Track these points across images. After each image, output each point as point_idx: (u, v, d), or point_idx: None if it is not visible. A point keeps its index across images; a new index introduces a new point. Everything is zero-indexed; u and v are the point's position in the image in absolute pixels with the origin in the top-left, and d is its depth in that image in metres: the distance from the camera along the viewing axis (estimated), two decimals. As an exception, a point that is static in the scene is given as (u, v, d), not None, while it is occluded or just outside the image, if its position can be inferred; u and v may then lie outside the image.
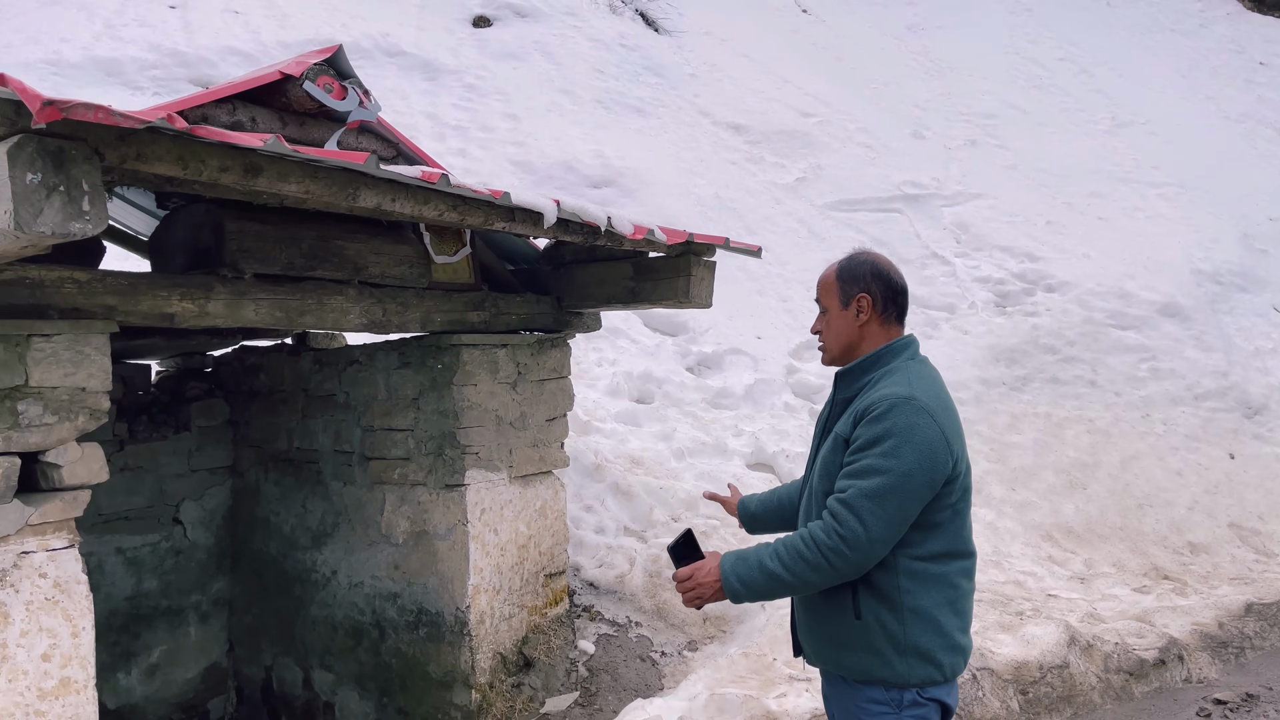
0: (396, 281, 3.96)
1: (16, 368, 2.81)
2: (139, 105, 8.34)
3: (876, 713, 2.18)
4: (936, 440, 2.11)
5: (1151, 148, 13.27)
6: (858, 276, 2.36)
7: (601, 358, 7.31)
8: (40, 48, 8.81)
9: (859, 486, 2.08)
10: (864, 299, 2.33)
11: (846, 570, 2.10)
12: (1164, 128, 13.89)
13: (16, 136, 2.16)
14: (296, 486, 4.93)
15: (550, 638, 4.47)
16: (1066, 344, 8.73)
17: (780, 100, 12.56)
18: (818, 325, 2.44)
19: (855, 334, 2.35)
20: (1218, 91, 15.41)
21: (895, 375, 2.23)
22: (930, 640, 2.15)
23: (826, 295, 2.40)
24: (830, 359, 2.41)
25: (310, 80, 3.52)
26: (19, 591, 2.85)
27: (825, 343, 2.41)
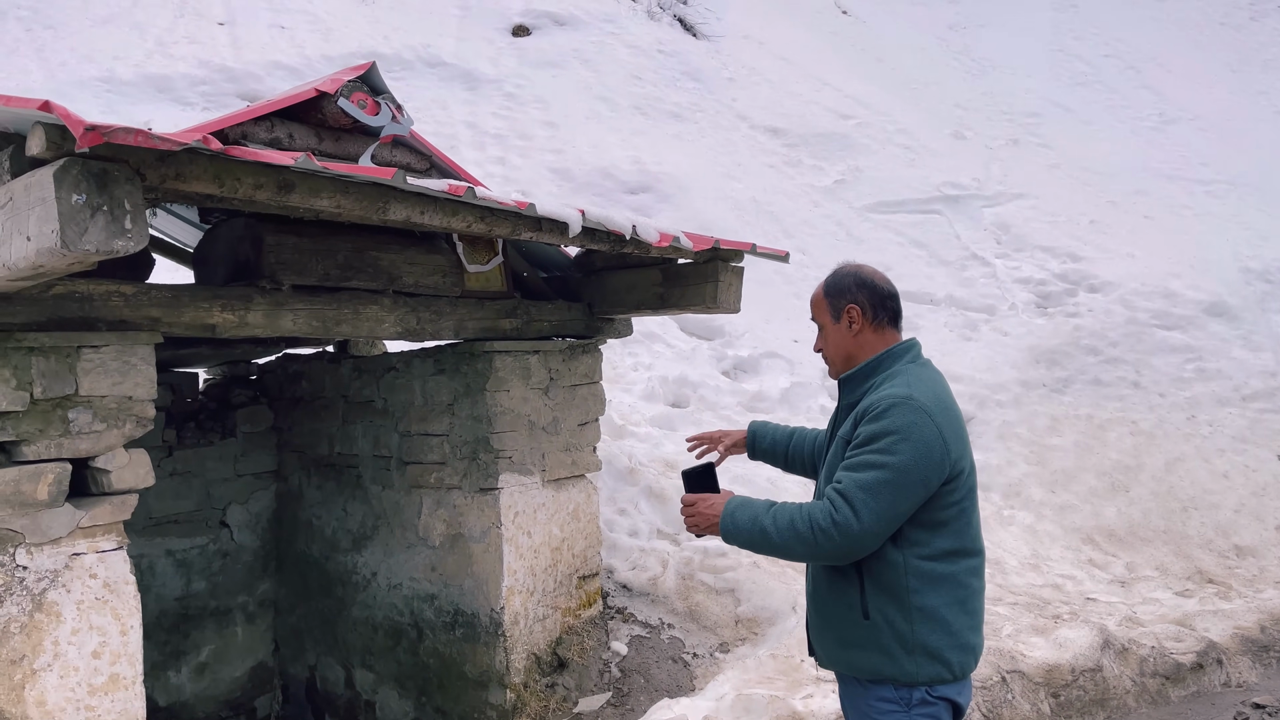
0: (430, 290, 4.07)
1: (67, 377, 2.95)
2: (188, 120, 8.60)
3: (886, 711, 2.23)
4: (933, 439, 2.16)
5: (1200, 144, 13.04)
6: (843, 289, 2.45)
7: (637, 362, 7.38)
8: (94, 66, 9.11)
9: (855, 479, 2.16)
10: (853, 309, 2.42)
11: (831, 554, 2.18)
12: (1213, 124, 13.64)
13: (62, 160, 2.28)
14: (337, 490, 5.06)
15: (583, 639, 4.54)
16: (1109, 345, 8.62)
17: (819, 103, 12.55)
18: (819, 344, 2.53)
19: (852, 344, 2.43)
20: (1270, 86, 15.10)
21: (896, 378, 2.30)
22: (939, 639, 2.19)
23: (819, 313, 2.50)
24: (836, 372, 2.49)
25: (345, 97, 3.64)
26: (70, 591, 2.99)
27: (828, 357, 2.50)
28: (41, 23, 9.73)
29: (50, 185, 2.27)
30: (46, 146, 2.28)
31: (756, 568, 5.01)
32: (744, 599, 4.79)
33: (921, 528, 2.20)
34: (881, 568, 2.21)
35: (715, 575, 4.92)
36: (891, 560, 2.20)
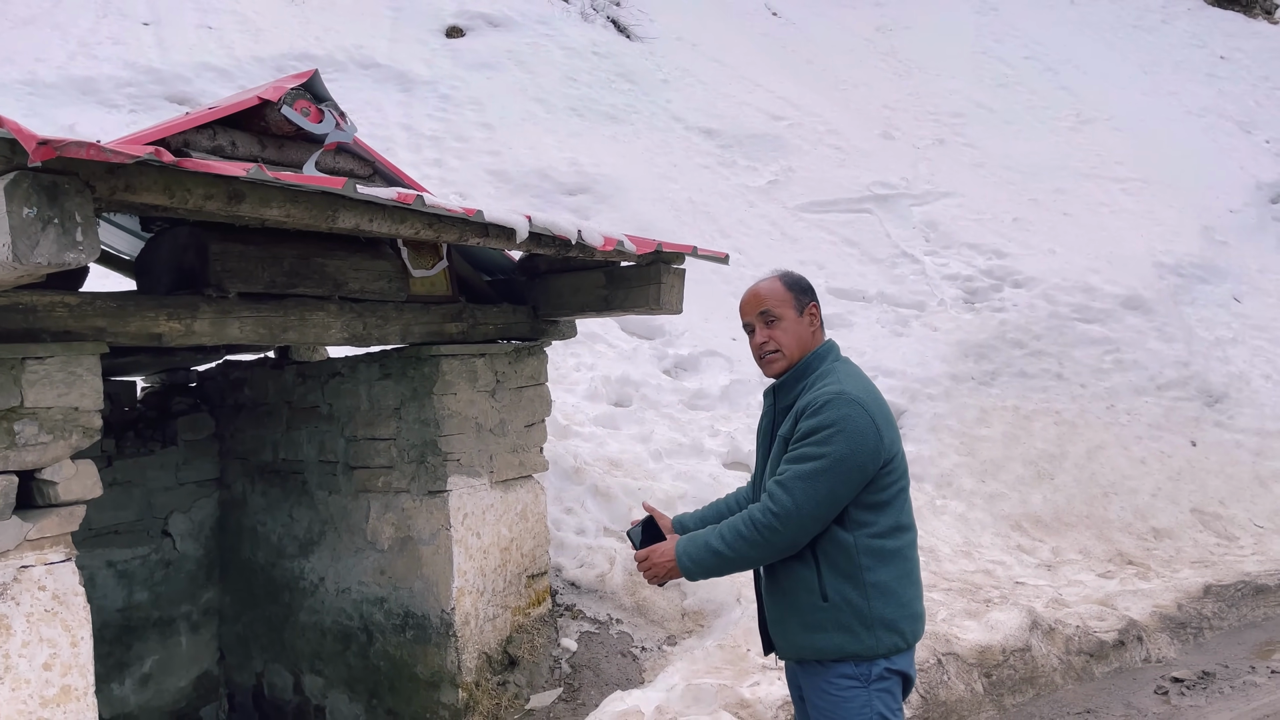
0: (376, 296, 4.10)
1: (12, 390, 2.93)
2: (116, 123, 8.43)
3: (845, 688, 2.37)
4: (867, 429, 2.33)
5: (1115, 143, 13.54)
6: (805, 288, 2.58)
7: (580, 363, 7.46)
8: (15, 68, 8.87)
9: (794, 469, 2.31)
10: (815, 307, 2.57)
11: (780, 545, 2.32)
12: (1127, 123, 14.17)
13: (13, 173, 2.29)
14: (283, 496, 5.05)
15: (534, 636, 4.61)
16: (1033, 338, 8.95)
17: (751, 104, 12.74)
18: (764, 336, 2.53)
19: (810, 340, 2.54)
20: (1180, 86, 15.72)
21: (828, 377, 2.45)
22: (893, 611, 2.36)
23: (781, 305, 2.53)
24: (787, 365, 2.53)
25: (288, 105, 3.66)
26: (19, 604, 2.98)
27: (784, 350, 2.51)
28: (-43, 23, 9.44)
29: (0, 199, 2.28)
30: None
31: (701, 562, 5.12)
32: (690, 592, 4.91)
33: (867, 509, 2.35)
34: (835, 551, 2.35)
35: (661, 570, 5.02)
36: (843, 543, 2.34)
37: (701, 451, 6.62)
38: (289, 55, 10.36)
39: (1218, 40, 17.38)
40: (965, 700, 4.30)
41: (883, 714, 2.36)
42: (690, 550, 2.40)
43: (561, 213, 9.02)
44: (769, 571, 2.50)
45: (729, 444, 6.74)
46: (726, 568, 2.39)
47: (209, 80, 9.57)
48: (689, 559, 2.40)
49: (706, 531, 2.42)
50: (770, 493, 2.32)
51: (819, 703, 2.43)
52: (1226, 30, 17.76)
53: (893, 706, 2.39)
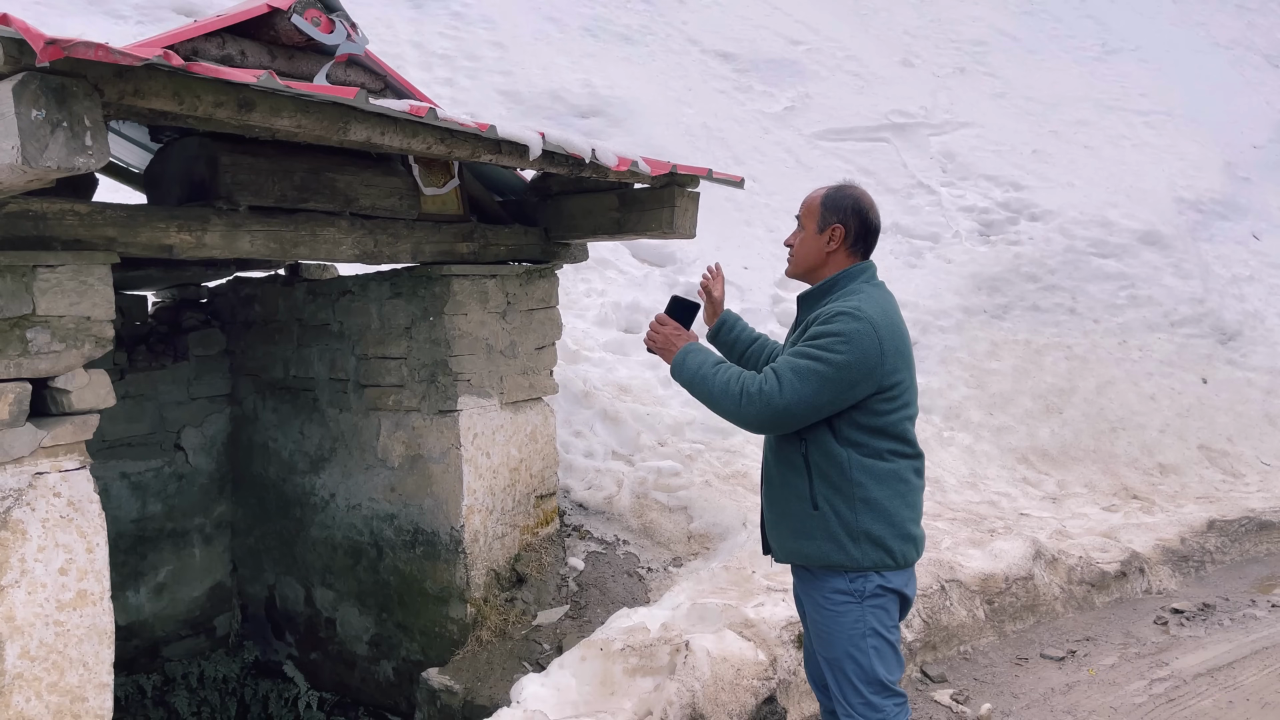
0: (387, 213, 4.06)
1: (24, 297, 2.93)
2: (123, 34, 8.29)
3: (840, 602, 2.42)
4: (871, 349, 2.33)
5: (1140, 75, 13.26)
6: (840, 207, 2.56)
7: (590, 288, 7.43)
8: (20, -24, 8.70)
9: (790, 363, 2.35)
10: (838, 229, 2.54)
11: (749, 417, 2.38)
12: (1153, 54, 13.85)
13: (20, 74, 2.24)
14: (294, 413, 5.08)
15: (541, 555, 4.67)
16: (1048, 272, 8.88)
17: (769, 28, 12.47)
18: (792, 238, 2.64)
19: (820, 258, 2.58)
20: (1208, 17, 15.33)
21: (851, 296, 2.47)
22: (881, 528, 2.39)
23: (807, 216, 2.60)
24: (792, 272, 2.66)
25: (298, 14, 3.58)
26: (35, 510, 3.01)
27: (794, 256, 2.63)
28: (-41, -72, 9.23)
29: (9, 100, 2.23)
30: (4, 61, 2.23)
31: (709, 486, 5.16)
32: (696, 516, 4.95)
33: (862, 430, 2.39)
34: (827, 463, 2.40)
35: (668, 494, 5.07)
36: (836, 456, 2.39)
37: (711, 378, 6.62)
38: (298, -32, 10.12)
39: (1251, -30, 16.88)
40: (967, 625, 4.36)
41: (875, 629, 2.40)
42: (690, 357, 2.50)
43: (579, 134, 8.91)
44: (768, 477, 2.58)
45: (738, 371, 6.74)
46: (700, 394, 2.47)
47: (217, -8, 9.37)
48: (683, 359, 2.51)
49: (714, 356, 2.51)
50: (764, 374, 2.37)
51: (816, 616, 2.49)
52: (1260, -40, 17.24)
53: (887, 623, 2.43)
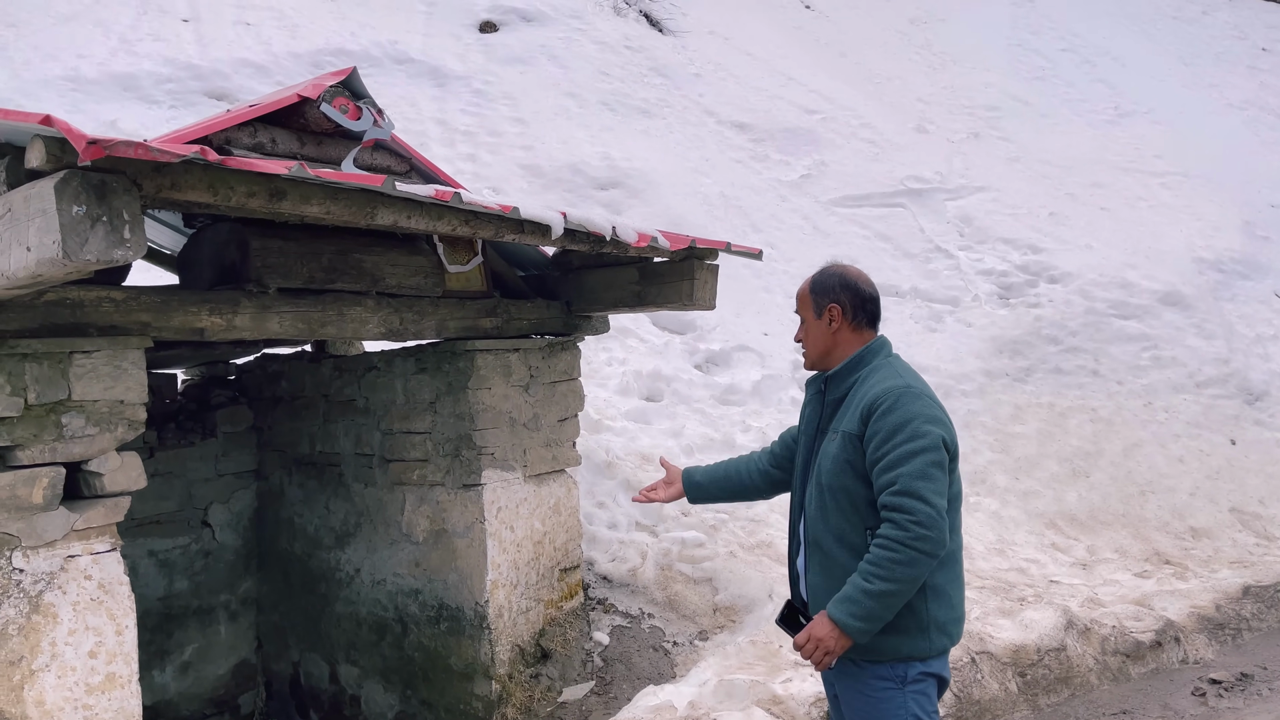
0: (413, 291, 4.14)
1: (60, 383, 3.00)
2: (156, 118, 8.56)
3: (881, 689, 2.40)
4: (944, 419, 2.40)
5: (1154, 137, 13.35)
6: (828, 289, 2.64)
7: (611, 357, 7.48)
8: (58, 64, 9.02)
9: (904, 472, 2.29)
10: (834, 309, 2.61)
11: (934, 550, 2.27)
12: (1167, 116, 13.96)
13: (62, 172, 2.33)
14: (319, 489, 5.12)
15: (566, 630, 4.65)
16: (1069, 334, 8.85)
17: (784, 98, 12.69)
18: (799, 334, 2.71)
19: (829, 340, 2.62)
20: (1220, 79, 15.47)
21: (881, 371, 2.51)
22: (946, 613, 2.41)
23: (803, 307, 2.69)
24: (810, 364, 2.69)
25: (327, 102, 3.70)
26: (66, 593, 3.05)
27: (806, 349, 2.69)
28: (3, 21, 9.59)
29: (51, 197, 2.32)
30: (46, 159, 2.33)
31: (733, 557, 5.14)
32: (721, 588, 4.92)
33: None
34: None
35: (693, 565, 5.04)
36: None
37: (733, 446, 6.62)
38: (325, 51, 10.45)
39: (1259, 32, 17.08)
40: (999, 699, 4.28)
41: (917, 715, 2.38)
42: (850, 610, 2.30)
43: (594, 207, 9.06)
44: (821, 575, 2.49)
45: (760, 439, 6.73)
46: (896, 602, 2.29)
47: (247, 76, 9.67)
48: (854, 619, 2.29)
49: (849, 585, 2.32)
50: (896, 506, 2.27)
51: (854, 703, 2.46)
52: (1268, 21, 17.45)
53: (928, 708, 2.41)
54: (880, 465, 2.33)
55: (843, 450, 2.44)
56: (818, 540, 2.50)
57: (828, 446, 2.50)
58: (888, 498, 2.30)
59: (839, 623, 2.30)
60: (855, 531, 2.43)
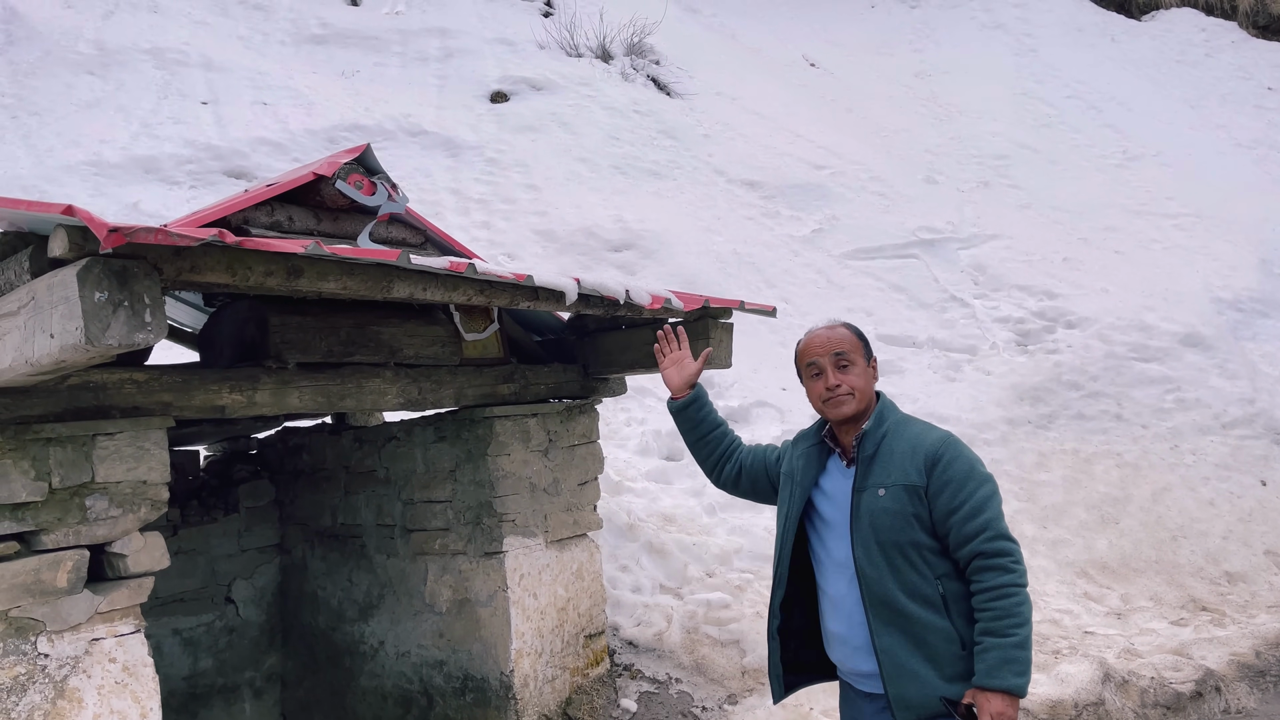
0: (430, 361, 4.17)
1: (84, 466, 3.03)
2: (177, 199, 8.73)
3: None
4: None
5: (1165, 179, 13.38)
6: (867, 340, 2.72)
7: (630, 417, 7.48)
8: (81, 150, 9.25)
9: (991, 517, 2.40)
10: (875, 361, 2.71)
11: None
12: (1176, 158, 14.00)
13: (85, 259, 2.38)
14: (342, 561, 5.11)
15: (593, 698, 4.58)
16: (1090, 379, 8.79)
17: (793, 154, 12.83)
18: (837, 379, 2.60)
19: (872, 391, 2.67)
20: (1228, 119, 15.52)
21: (914, 422, 2.61)
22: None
23: (854, 351, 2.64)
24: (855, 410, 2.60)
25: (342, 179, 3.77)
26: (91, 676, 3.04)
27: (857, 393, 2.60)
28: (26, 109, 9.87)
29: (74, 284, 2.37)
30: (69, 248, 2.38)
31: (760, 618, 5.07)
32: (749, 649, 4.85)
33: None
34: (960, 598, 2.41)
35: (719, 627, 4.98)
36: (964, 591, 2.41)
37: (755, 505, 6.57)
38: (340, 126, 10.68)
39: (1264, 71, 17.16)
40: (1038, 757, 4.18)
41: None
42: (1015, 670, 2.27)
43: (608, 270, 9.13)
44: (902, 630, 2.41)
45: (783, 496, 6.68)
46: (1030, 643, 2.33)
47: (264, 154, 9.88)
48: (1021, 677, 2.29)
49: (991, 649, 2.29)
50: (998, 550, 2.35)
51: None
52: (1273, 61, 17.54)
53: None
54: (960, 514, 2.37)
55: (903, 504, 2.43)
56: (887, 600, 2.44)
57: (876, 502, 2.46)
58: (984, 544, 2.33)
59: (1012, 689, 2.27)
60: (928, 584, 2.42)
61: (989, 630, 2.30)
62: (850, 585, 2.53)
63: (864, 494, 2.50)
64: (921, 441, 2.46)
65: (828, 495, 2.65)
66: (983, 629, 2.32)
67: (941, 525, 2.42)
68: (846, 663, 2.63)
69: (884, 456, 2.49)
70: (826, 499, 2.65)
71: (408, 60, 13.09)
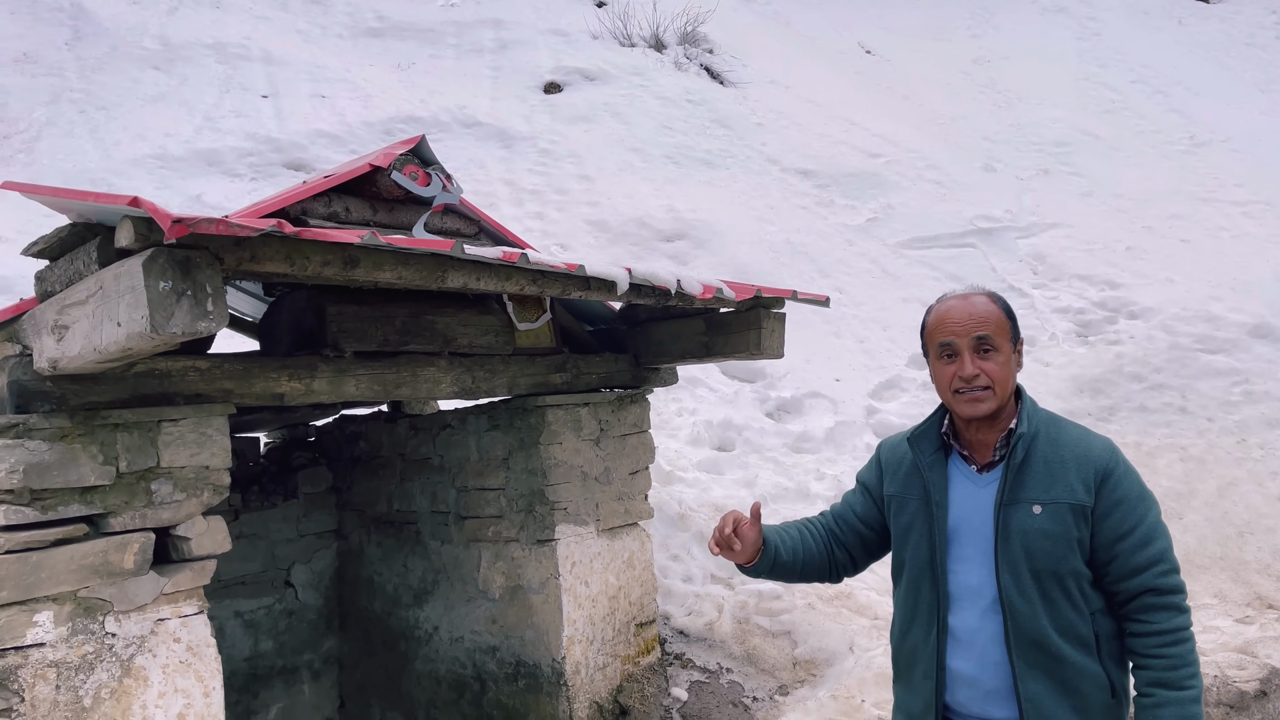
0: (484, 350, 4.21)
1: (150, 451, 3.11)
2: (238, 191, 8.91)
3: None
4: None
5: (1233, 165, 12.98)
6: (1015, 317, 2.16)
7: (681, 408, 7.47)
8: (147, 144, 9.48)
9: (1167, 547, 2.05)
10: (1021, 343, 2.18)
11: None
12: (1245, 144, 13.57)
13: (149, 250, 2.45)
14: (397, 547, 5.19)
15: (644, 686, 4.60)
16: (1153, 371, 8.58)
17: (847, 143, 12.69)
18: (976, 368, 2.09)
19: (1014, 383, 2.15)
20: (1301, 103, 15.02)
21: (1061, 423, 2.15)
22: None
23: (1000, 333, 2.11)
24: (993, 408, 2.11)
25: (398, 170, 3.82)
26: (156, 656, 3.13)
27: (997, 388, 2.10)
28: (94, 104, 10.14)
29: (139, 274, 2.43)
30: (135, 238, 2.44)
31: (812, 609, 5.05)
32: (801, 641, 4.83)
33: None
34: (1111, 638, 2.09)
35: (771, 618, 4.97)
36: (1115, 630, 2.09)
37: (808, 495, 6.54)
38: (396, 119, 10.80)
39: (1340, 53, 16.58)
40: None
41: None
42: None
43: (660, 260, 9.13)
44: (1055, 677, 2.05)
45: (835, 487, 6.64)
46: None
47: (322, 146, 10.04)
48: None
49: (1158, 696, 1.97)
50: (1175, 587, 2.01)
51: None
52: (1349, 42, 16.93)
53: None
54: (1130, 540, 2.01)
55: (1066, 526, 2.02)
56: (1039, 640, 2.04)
57: (1030, 522, 2.04)
58: (1157, 579, 1.99)
59: None
60: (1083, 622, 2.05)
61: (1162, 682, 1.96)
62: (986, 618, 2.10)
63: (1014, 510, 2.06)
64: (1088, 451, 2.05)
65: (955, 509, 2.18)
66: (1153, 679, 1.98)
67: (1105, 552, 2.03)
68: (972, 707, 2.17)
69: (1037, 465, 2.06)
70: (954, 512, 2.18)
71: (462, 52, 13.20)
